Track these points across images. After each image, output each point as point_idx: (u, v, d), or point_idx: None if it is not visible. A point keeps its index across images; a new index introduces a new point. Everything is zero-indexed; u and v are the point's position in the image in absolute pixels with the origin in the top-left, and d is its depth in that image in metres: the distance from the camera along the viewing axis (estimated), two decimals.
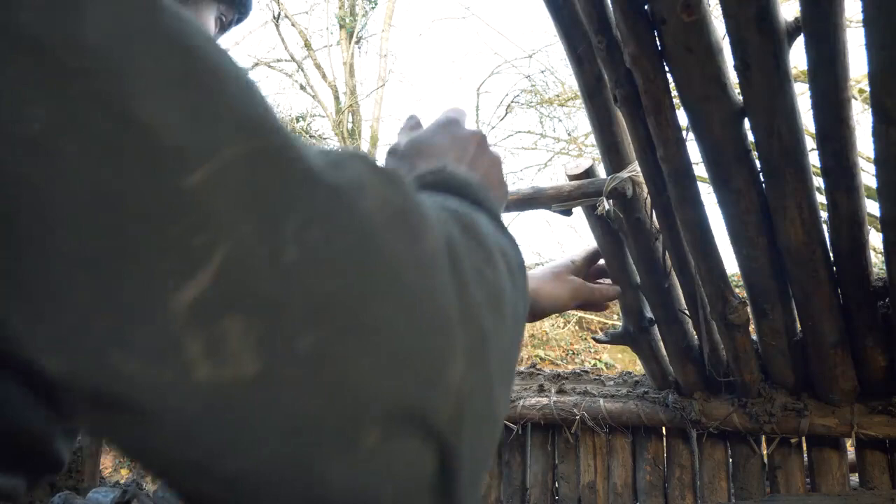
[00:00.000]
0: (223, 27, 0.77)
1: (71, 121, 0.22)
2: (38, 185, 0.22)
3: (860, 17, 0.85)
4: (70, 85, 0.23)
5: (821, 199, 1.19)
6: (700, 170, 1.22)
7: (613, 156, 1.29)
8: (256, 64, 10.22)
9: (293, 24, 10.10)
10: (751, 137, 1.10)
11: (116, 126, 0.23)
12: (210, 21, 0.72)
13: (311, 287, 0.25)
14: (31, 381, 0.23)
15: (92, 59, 0.23)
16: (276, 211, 0.25)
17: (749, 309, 1.43)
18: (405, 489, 0.28)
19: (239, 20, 0.80)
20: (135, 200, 0.22)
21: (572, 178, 1.33)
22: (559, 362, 6.87)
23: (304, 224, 0.26)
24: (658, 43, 1.01)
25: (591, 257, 1.17)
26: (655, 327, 1.64)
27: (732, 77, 1.03)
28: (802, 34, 0.93)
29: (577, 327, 7.39)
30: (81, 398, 0.23)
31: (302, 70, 10.52)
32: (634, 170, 1.26)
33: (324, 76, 10.64)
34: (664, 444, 1.91)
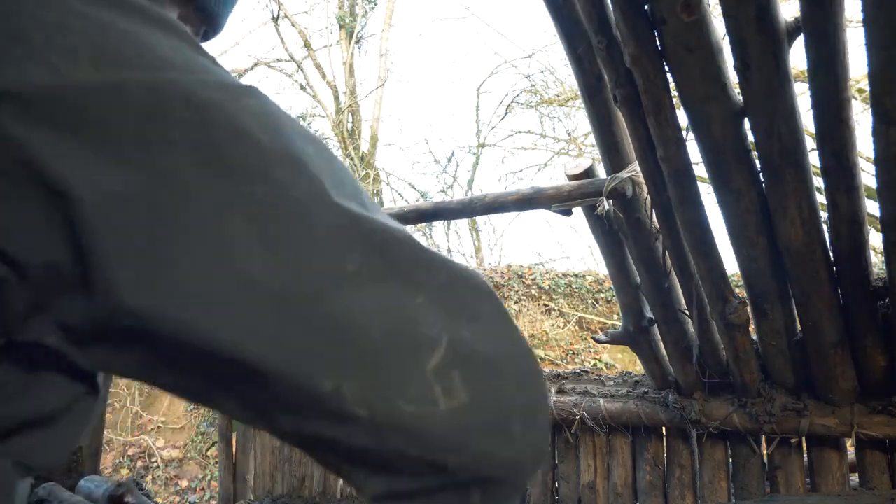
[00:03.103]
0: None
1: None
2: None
3: (860, 16, 0.84)
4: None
5: (821, 199, 1.19)
6: (700, 170, 1.22)
7: (613, 156, 1.29)
8: (256, 64, 10.23)
9: (293, 24, 10.11)
10: (751, 137, 1.10)
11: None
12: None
13: (479, 350, 0.42)
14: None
15: None
16: (463, 315, 0.42)
17: (749, 309, 1.43)
18: None
19: (206, 36, 0.79)
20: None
21: (572, 178, 1.33)
22: (559, 362, 6.87)
23: (476, 326, 0.43)
24: (658, 43, 1.01)
25: None
26: (655, 327, 1.64)
27: (732, 77, 1.03)
28: (802, 34, 0.93)
29: (577, 327, 7.39)
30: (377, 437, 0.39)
31: (302, 70, 10.52)
32: (634, 170, 1.26)
33: (323, 76, 10.65)
34: (664, 444, 1.91)
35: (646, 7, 0.97)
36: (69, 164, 0.35)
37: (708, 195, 1.23)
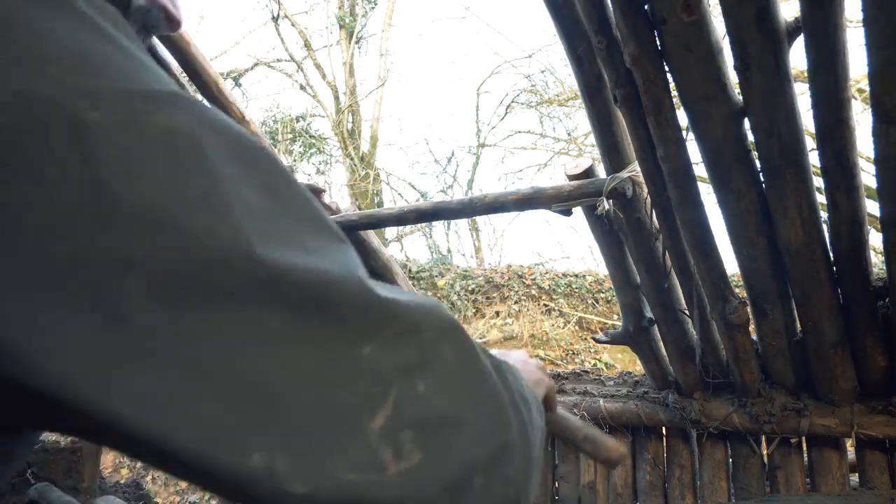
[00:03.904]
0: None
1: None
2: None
3: (860, 17, 0.84)
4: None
5: (821, 199, 1.19)
6: (700, 170, 1.22)
7: (613, 156, 1.29)
8: (256, 64, 10.22)
9: (293, 24, 10.10)
10: (751, 137, 1.10)
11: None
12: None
13: (435, 405, 0.40)
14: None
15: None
16: (419, 364, 0.40)
17: (749, 309, 1.42)
18: None
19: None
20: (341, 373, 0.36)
21: (572, 178, 1.33)
22: (559, 362, 6.87)
23: (432, 377, 0.41)
24: (658, 43, 1.01)
25: None
26: (655, 327, 1.64)
27: (732, 77, 1.03)
28: (802, 34, 0.93)
29: (577, 327, 7.39)
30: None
31: (302, 70, 10.52)
32: (634, 170, 1.26)
33: (323, 76, 10.65)
34: (664, 444, 1.91)
35: (646, 7, 0.97)
36: None
37: (708, 195, 1.23)
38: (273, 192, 0.37)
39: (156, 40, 1.76)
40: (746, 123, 1.08)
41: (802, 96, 1.21)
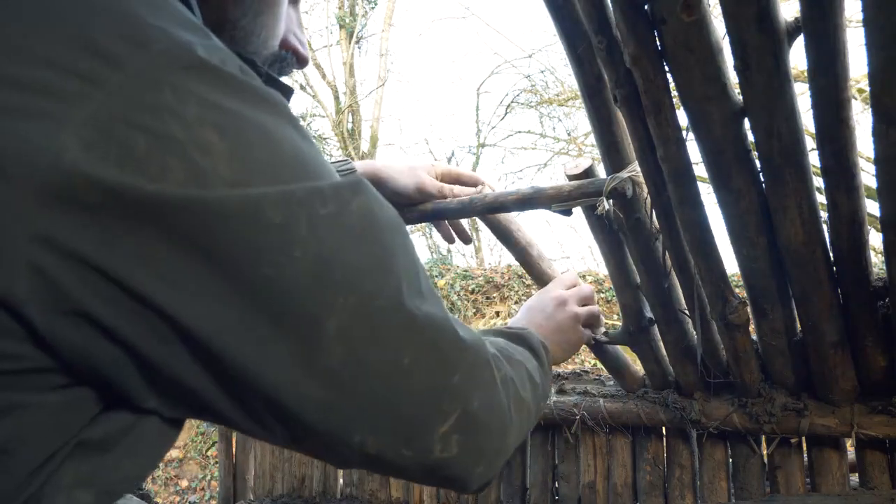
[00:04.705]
0: None
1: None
2: None
3: (860, 17, 0.84)
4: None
5: (821, 199, 1.19)
6: (700, 170, 1.22)
7: (613, 156, 1.29)
8: None
9: None
10: (751, 137, 1.10)
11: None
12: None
13: (481, 418, 0.57)
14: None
15: None
16: (479, 386, 0.57)
17: (749, 309, 1.42)
18: None
19: None
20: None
21: (572, 178, 1.33)
22: None
23: (483, 386, 0.58)
24: (658, 43, 1.01)
25: (458, 175, 1.32)
26: (655, 327, 1.64)
27: (732, 77, 1.03)
28: (802, 34, 0.93)
29: None
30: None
31: (302, 70, 10.53)
32: (634, 170, 1.26)
33: (323, 76, 10.65)
34: (664, 444, 1.91)
35: (646, 7, 0.97)
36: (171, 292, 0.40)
37: (708, 195, 1.23)
38: (408, 250, 0.51)
39: None
40: (746, 123, 1.08)
41: (802, 96, 1.21)
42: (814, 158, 1.14)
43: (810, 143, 1.16)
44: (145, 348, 0.40)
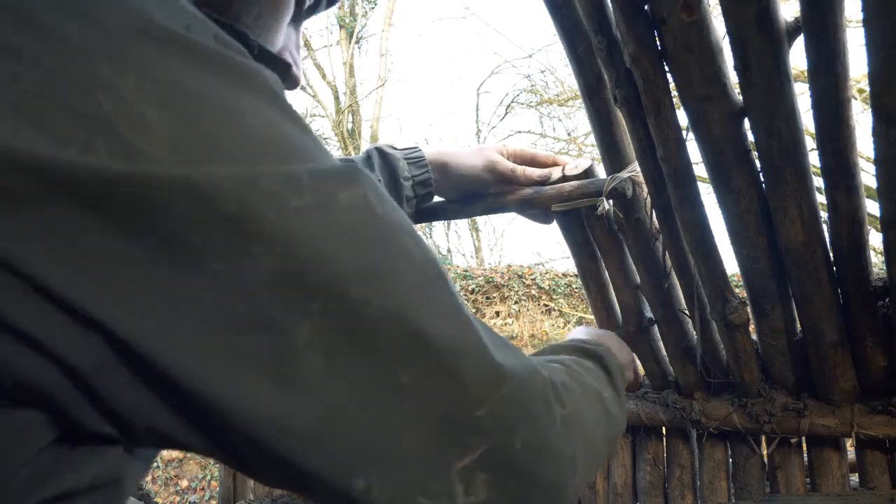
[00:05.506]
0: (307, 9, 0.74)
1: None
2: None
3: (860, 17, 0.84)
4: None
5: (821, 199, 1.19)
6: (700, 170, 1.22)
7: (613, 156, 1.29)
8: None
9: None
10: (751, 137, 1.10)
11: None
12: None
13: (520, 460, 0.46)
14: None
15: None
16: (520, 423, 0.46)
17: (749, 309, 1.42)
18: None
19: (328, 4, 0.79)
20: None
21: (572, 178, 1.33)
22: None
23: (528, 423, 0.47)
24: (658, 43, 1.01)
25: (532, 155, 1.22)
26: (655, 327, 1.64)
27: (732, 77, 1.03)
28: (802, 34, 0.93)
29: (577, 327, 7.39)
30: None
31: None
32: (634, 170, 1.26)
33: (324, 76, 10.65)
34: (664, 444, 1.91)
35: (646, 7, 0.97)
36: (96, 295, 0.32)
37: (708, 195, 1.23)
38: (415, 254, 0.43)
39: None
40: (746, 123, 1.08)
41: (802, 96, 1.21)
42: (814, 158, 1.14)
43: (810, 143, 1.16)
44: (78, 363, 0.33)
